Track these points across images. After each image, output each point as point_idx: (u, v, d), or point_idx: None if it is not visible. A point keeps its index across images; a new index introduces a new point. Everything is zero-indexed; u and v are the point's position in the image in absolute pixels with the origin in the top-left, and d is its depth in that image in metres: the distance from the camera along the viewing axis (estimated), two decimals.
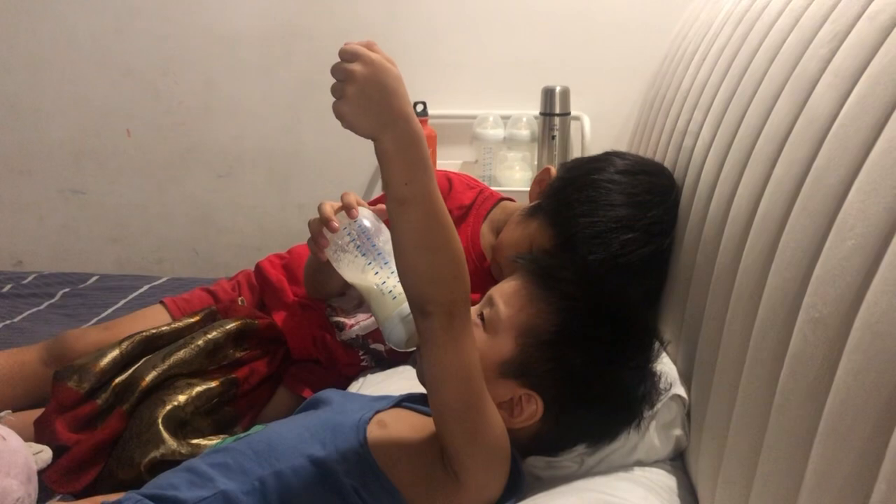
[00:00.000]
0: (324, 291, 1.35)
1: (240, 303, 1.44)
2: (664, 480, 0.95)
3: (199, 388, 1.15)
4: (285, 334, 1.32)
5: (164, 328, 1.26)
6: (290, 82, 2.31)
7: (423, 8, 2.23)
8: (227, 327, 1.24)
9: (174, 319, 1.38)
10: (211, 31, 2.28)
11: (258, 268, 1.50)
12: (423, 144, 0.76)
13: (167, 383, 1.15)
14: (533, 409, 0.89)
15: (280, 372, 1.29)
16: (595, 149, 2.14)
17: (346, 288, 1.39)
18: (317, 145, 2.34)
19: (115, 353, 1.19)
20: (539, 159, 2.14)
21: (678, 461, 1.00)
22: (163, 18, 2.27)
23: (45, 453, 0.98)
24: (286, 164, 2.37)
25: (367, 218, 1.05)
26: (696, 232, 1.05)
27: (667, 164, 1.32)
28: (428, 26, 2.24)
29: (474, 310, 0.96)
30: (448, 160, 2.20)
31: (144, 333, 1.23)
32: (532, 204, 1.28)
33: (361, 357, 1.37)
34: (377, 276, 1.00)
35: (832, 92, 0.76)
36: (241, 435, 0.96)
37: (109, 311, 1.72)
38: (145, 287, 1.84)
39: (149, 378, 1.14)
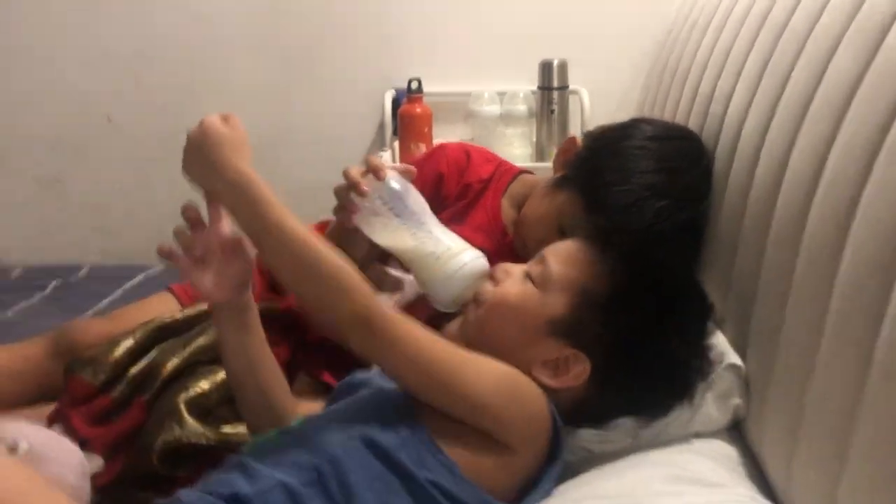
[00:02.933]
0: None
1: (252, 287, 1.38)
2: (725, 451, 0.93)
3: (222, 375, 1.09)
4: (303, 315, 1.27)
5: (177, 316, 1.20)
6: (278, 61, 2.24)
7: None
8: None
9: (184, 307, 1.32)
10: (190, 9, 2.20)
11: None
12: (254, 195, 0.85)
13: (188, 370, 1.10)
14: (579, 369, 0.86)
15: (296, 358, 1.24)
16: (595, 123, 2.11)
17: (364, 268, 1.34)
18: (307, 125, 2.28)
19: (129, 342, 1.13)
20: (538, 135, 2.10)
21: (733, 431, 0.97)
22: (140, 2, 2.19)
23: (97, 461, 0.92)
24: (275, 146, 2.29)
25: (395, 179, 1.00)
26: (740, 195, 1.03)
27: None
28: (418, 4, 2.18)
29: (523, 267, 0.93)
30: (442, 138, 2.14)
31: (158, 321, 1.17)
32: (557, 175, 1.24)
33: None
34: (414, 237, 0.97)
35: None
36: (282, 430, 0.92)
37: (106, 301, 1.65)
38: (140, 276, 1.78)
39: (170, 366, 1.08)
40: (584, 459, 0.93)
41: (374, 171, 0.99)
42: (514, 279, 0.93)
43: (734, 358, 0.95)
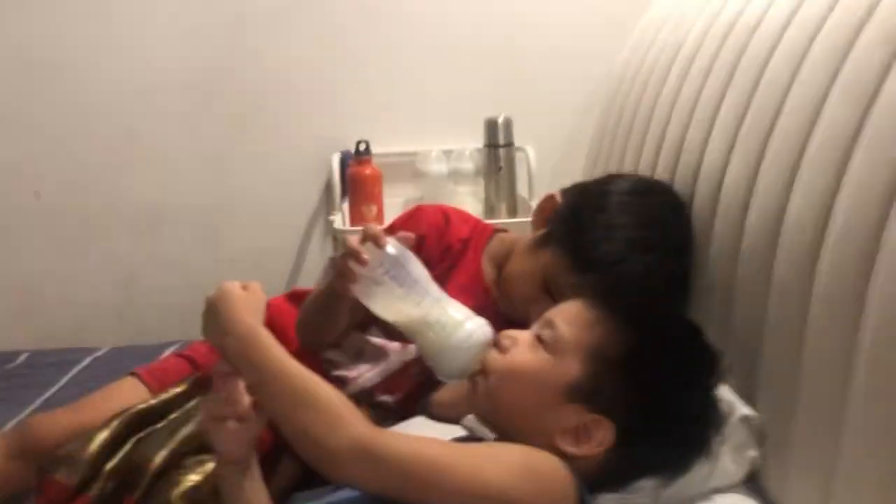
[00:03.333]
0: (323, 337, 1.24)
1: (224, 367, 1.31)
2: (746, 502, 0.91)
3: (211, 465, 1.02)
4: None
5: (151, 401, 1.12)
6: (215, 128, 2.18)
7: (354, 45, 2.17)
8: None
9: (153, 392, 1.24)
10: (125, 80, 2.13)
11: None
12: (258, 344, 0.85)
13: (173, 462, 1.02)
14: (602, 435, 0.84)
15: (280, 440, 1.17)
16: (541, 179, 2.15)
17: (344, 337, 1.29)
18: (247, 194, 2.21)
19: (104, 435, 1.05)
20: (486, 192, 2.10)
21: (747, 483, 0.96)
22: (73, 71, 2.10)
23: None
24: (215, 217, 2.23)
25: (395, 247, 0.97)
26: (730, 244, 1.04)
27: (663, 177, 1.31)
28: (361, 65, 2.17)
29: (530, 333, 0.91)
30: (393, 198, 2.12)
31: (133, 410, 1.09)
32: (539, 233, 1.23)
33: (368, 412, 1.27)
34: (419, 306, 0.93)
35: None
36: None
37: (53, 389, 1.54)
38: (87, 359, 1.67)
39: (158, 459, 1.00)
40: None
41: (374, 239, 0.96)
42: (522, 346, 0.90)
43: (745, 409, 0.95)
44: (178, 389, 1.16)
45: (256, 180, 2.20)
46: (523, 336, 0.92)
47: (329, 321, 1.18)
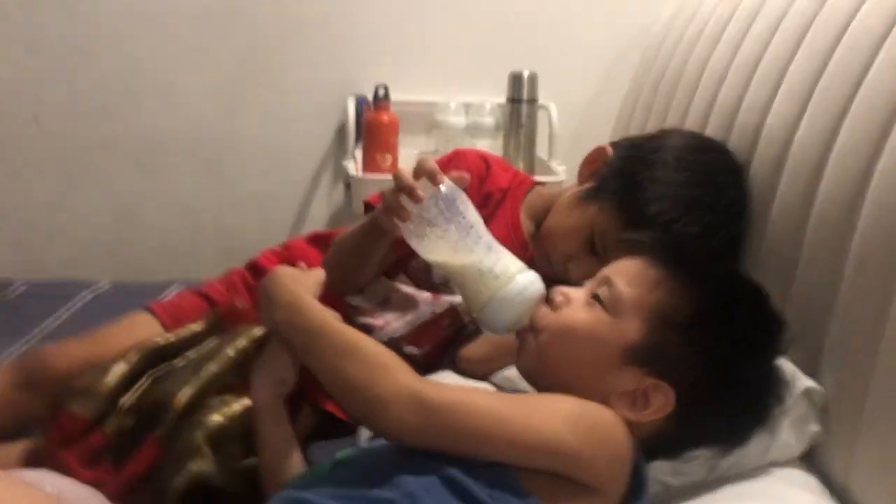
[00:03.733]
0: (353, 280, 1.18)
1: (238, 306, 1.24)
2: (809, 481, 0.88)
3: (236, 407, 0.96)
4: None
5: (170, 338, 1.05)
6: (228, 63, 2.08)
7: None
8: (255, 335, 1.05)
9: (168, 328, 1.17)
10: (135, 7, 2.01)
11: (255, 265, 1.32)
12: (302, 308, 0.86)
13: (198, 402, 0.96)
14: (661, 401, 0.78)
15: (299, 388, 1.11)
16: (562, 139, 2.08)
17: (371, 282, 1.22)
18: (258, 133, 2.12)
19: (121, 367, 0.98)
20: (505, 148, 2.03)
21: (807, 458, 0.92)
22: None
23: None
24: (223, 155, 2.13)
25: (450, 187, 0.90)
26: (797, 209, 0.99)
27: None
28: (383, 7, 2.07)
29: (584, 291, 0.86)
30: (407, 148, 2.05)
31: (152, 343, 1.03)
32: (586, 187, 1.17)
33: None
34: (472, 252, 0.87)
35: None
36: (332, 463, 0.81)
37: (51, 321, 1.46)
38: (87, 294, 1.58)
39: (183, 397, 0.94)
40: (660, 495, 0.85)
41: (430, 176, 0.89)
42: (576, 304, 0.85)
43: (808, 382, 0.90)
44: (196, 327, 1.09)
45: (266, 119, 2.11)
46: (577, 293, 0.86)
47: (363, 262, 1.12)
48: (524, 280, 0.86)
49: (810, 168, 0.97)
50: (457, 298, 1.19)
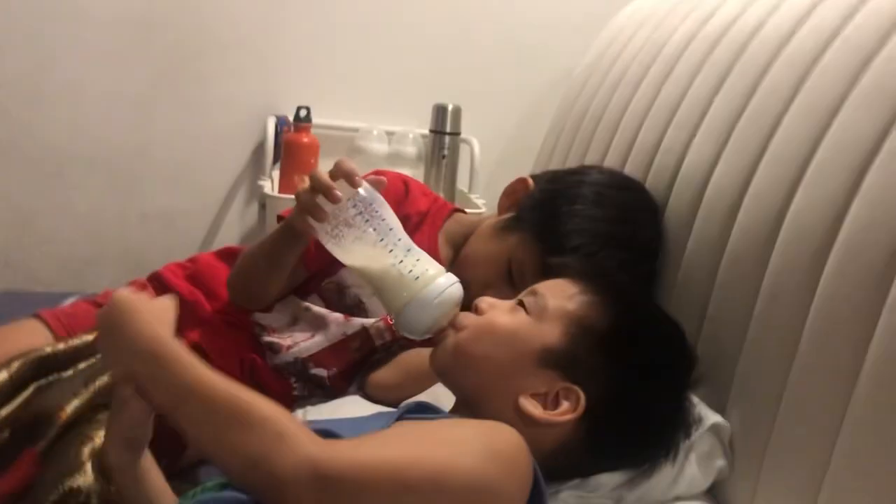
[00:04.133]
0: (261, 294, 1.14)
1: None
2: None
3: None
4: (210, 358, 1.09)
5: (59, 346, 0.98)
6: (144, 73, 2.01)
7: (305, 7, 2.05)
8: None
9: (58, 338, 1.10)
10: (45, 7, 1.93)
11: (159, 277, 1.26)
12: (170, 359, 0.68)
13: (86, 416, 0.89)
14: (572, 404, 0.78)
15: None
16: (484, 172, 2.09)
17: (281, 300, 1.18)
18: (171, 147, 2.05)
19: (1, 376, 0.91)
20: (426, 179, 2.02)
21: (710, 493, 0.92)
22: None
23: None
24: (131, 167, 2.05)
25: (367, 189, 0.89)
26: (711, 247, 1.00)
27: None
28: (309, 29, 2.06)
29: (510, 301, 0.87)
30: None
31: (38, 353, 0.95)
32: (506, 217, 1.16)
33: (293, 385, 1.17)
34: (392, 254, 0.85)
35: None
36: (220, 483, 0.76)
37: None
38: None
39: (70, 409, 0.87)
40: None
41: (347, 176, 0.87)
42: (501, 309, 0.86)
43: (716, 417, 0.91)
44: (89, 338, 1.03)
45: (181, 133, 2.05)
46: (502, 302, 0.87)
47: (272, 273, 1.09)
48: (444, 282, 0.85)
49: (725, 208, 0.99)
50: (369, 321, 1.17)
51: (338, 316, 1.16)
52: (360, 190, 0.88)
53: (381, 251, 0.85)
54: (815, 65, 0.93)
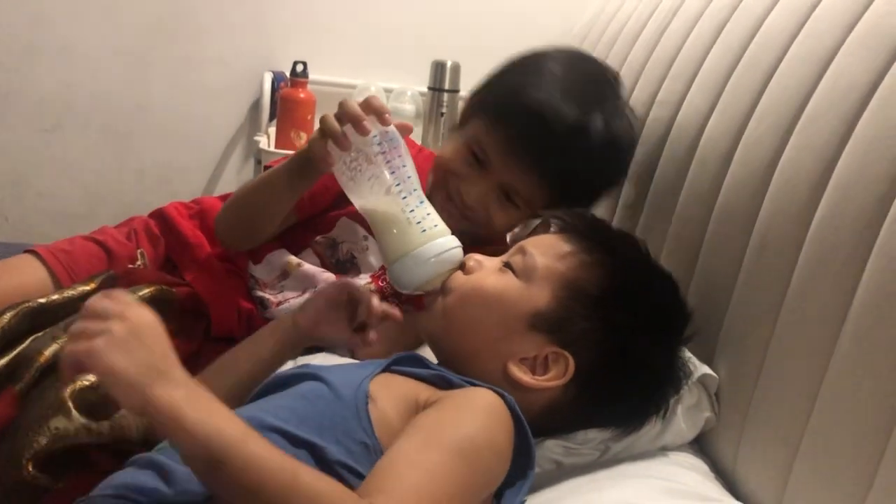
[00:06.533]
0: (252, 232, 1.10)
1: (139, 256, 1.16)
2: (698, 464, 0.88)
3: None
4: (207, 303, 1.09)
5: (54, 297, 0.98)
6: (140, 26, 2.00)
7: None
8: (140, 294, 1.00)
9: (60, 284, 1.09)
10: None
11: (162, 214, 1.22)
12: (210, 416, 0.57)
13: None
14: (561, 369, 0.78)
15: (202, 351, 1.05)
16: None
17: (269, 250, 1.17)
18: (167, 101, 2.05)
19: None
20: (424, 136, 2.01)
21: (694, 442, 0.92)
22: None
23: None
24: (127, 121, 2.05)
25: (395, 132, 0.86)
26: (704, 199, 0.99)
27: None
28: None
29: (498, 259, 0.85)
30: None
31: (31, 303, 0.94)
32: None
33: None
34: (405, 201, 0.83)
35: None
36: None
37: None
38: None
39: (48, 352, 0.87)
40: (551, 472, 0.84)
41: (378, 113, 0.84)
42: (488, 269, 0.84)
43: (704, 369, 0.91)
44: (85, 287, 1.02)
45: (177, 88, 2.04)
46: (491, 261, 0.85)
47: (272, 207, 1.04)
48: (447, 242, 0.84)
49: (718, 159, 0.98)
50: (361, 280, 1.16)
51: (328, 276, 1.14)
52: (389, 129, 0.85)
53: (394, 196, 0.83)
54: (812, 11, 0.91)
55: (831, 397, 0.72)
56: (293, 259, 1.17)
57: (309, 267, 1.16)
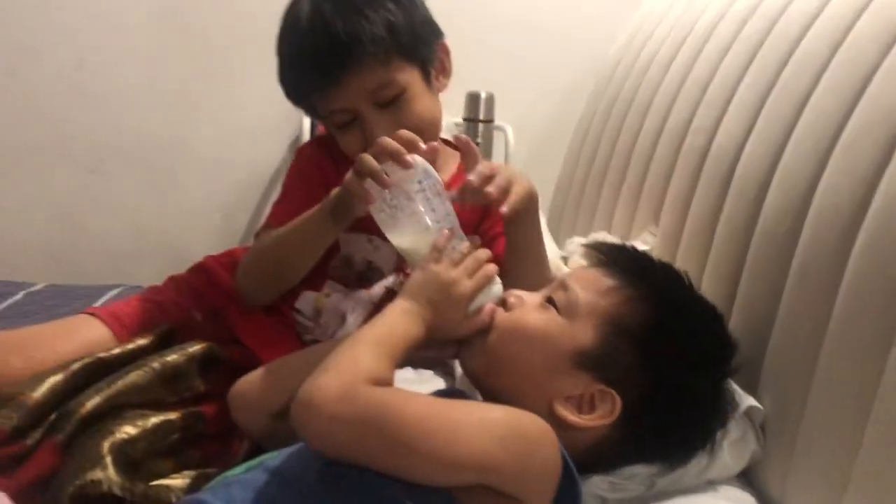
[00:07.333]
0: (282, 282, 1.10)
1: (196, 317, 1.17)
2: (746, 498, 0.86)
3: (154, 420, 0.91)
4: (260, 354, 1.06)
5: (114, 350, 0.99)
6: (180, 69, 2.05)
7: None
8: (191, 350, 1.00)
9: (118, 337, 1.09)
10: (89, 5, 1.98)
11: (204, 269, 1.23)
12: None
13: (113, 412, 0.90)
14: (608, 407, 0.76)
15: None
16: (518, 159, 2.08)
17: (294, 298, 1.16)
18: (209, 142, 2.09)
19: (56, 378, 0.92)
20: None
21: (742, 476, 0.90)
22: None
23: None
24: (170, 161, 2.10)
25: (432, 169, 0.85)
26: (741, 225, 0.98)
27: (661, 161, 1.26)
28: None
29: (539, 295, 0.84)
30: None
31: (98, 357, 0.96)
32: None
33: None
34: (449, 241, 0.82)
35: None
36: (252, 464, 0.76)
37: None
38: (20, 294, 1.52)
39: (90, 404, 0.88)
40: None
41: (413, 148, 0.84)
42: (529, 306, 0.83)
43: (749, 400, 0.89)
44: (143, 341, 1.03)
45: (219, 129, 2.08)
46: (532, 297, 0.85)
47: (304, 255, 1.04)
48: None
49: (755, 186, 0.97)
50: (388, 280, 1.14)
51: (359, 292, 1.14)
52: (427, 166, 0.84)
53: (434, 234, 0.82)
54: (847, 36, 0.90)
55: (881, 430, 0.70)
56: (319, 295, 1.16)
57: (335, 295, 1.15)
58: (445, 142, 1.21)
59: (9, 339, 1.05)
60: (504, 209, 0.90)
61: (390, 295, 1.12)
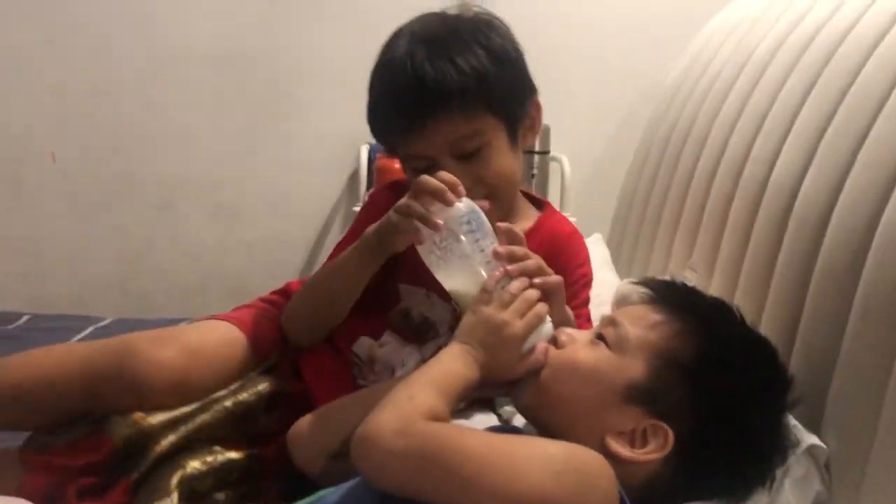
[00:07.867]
0: (328, 322, 1.10)
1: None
2: None
3: (220, 458, 0.94)
4: (315, 391, 1.07)
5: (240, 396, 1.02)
6: (243, 108, 2.11)
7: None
8: (260, 388, 1.02)
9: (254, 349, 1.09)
10: (153, 49, 2.06)
11: (286, 294, 1.21)
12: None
13: (181, 446, 0.93)
14: (661, 442, 0.76)
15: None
16: (574, 190, 2.08)
17: (350, 344, 1.17)
18: (270, 178, 2.15)
19: (171, 439, 0.93)
20: None
21: None
22: (97, 36, 2.04)
23: None
24: (234, 199, 2.16)
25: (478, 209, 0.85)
26: (801, 259, 0.96)
27: (719, 193, 1.24)
28: None
29: (589, 332, 0.85)
30: None
31: (225, 407, 0.99)
32: None
33: None
34: (497, 283, 0.82)
35: None
36: (311, 499, 0.78)
37: None
38: (89, 329, 1.58)
39: (165, 443, 0.91)
40: None
41: (455, 188, 0.85)
42: (580, 343, 0.84)
43: (812, 438, 0.86)
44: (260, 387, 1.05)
45: (280, 164, 2.14)
46: (582, 334, 0.85)
47: (348, 292, 1.04)
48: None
49: (815, 220, 0.95)
50: (440, 339, 1.14)
51: (411, 349, 1.14)
52: (475, 207, 0.85)
53: (484, 276, 0.82)
54: None
55: None
56: (374, 344, 1.16)
57: (389, 347, 1.14)
58: (525, 194, 1.21)
59: (158, 332, 1.06)
60: None
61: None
